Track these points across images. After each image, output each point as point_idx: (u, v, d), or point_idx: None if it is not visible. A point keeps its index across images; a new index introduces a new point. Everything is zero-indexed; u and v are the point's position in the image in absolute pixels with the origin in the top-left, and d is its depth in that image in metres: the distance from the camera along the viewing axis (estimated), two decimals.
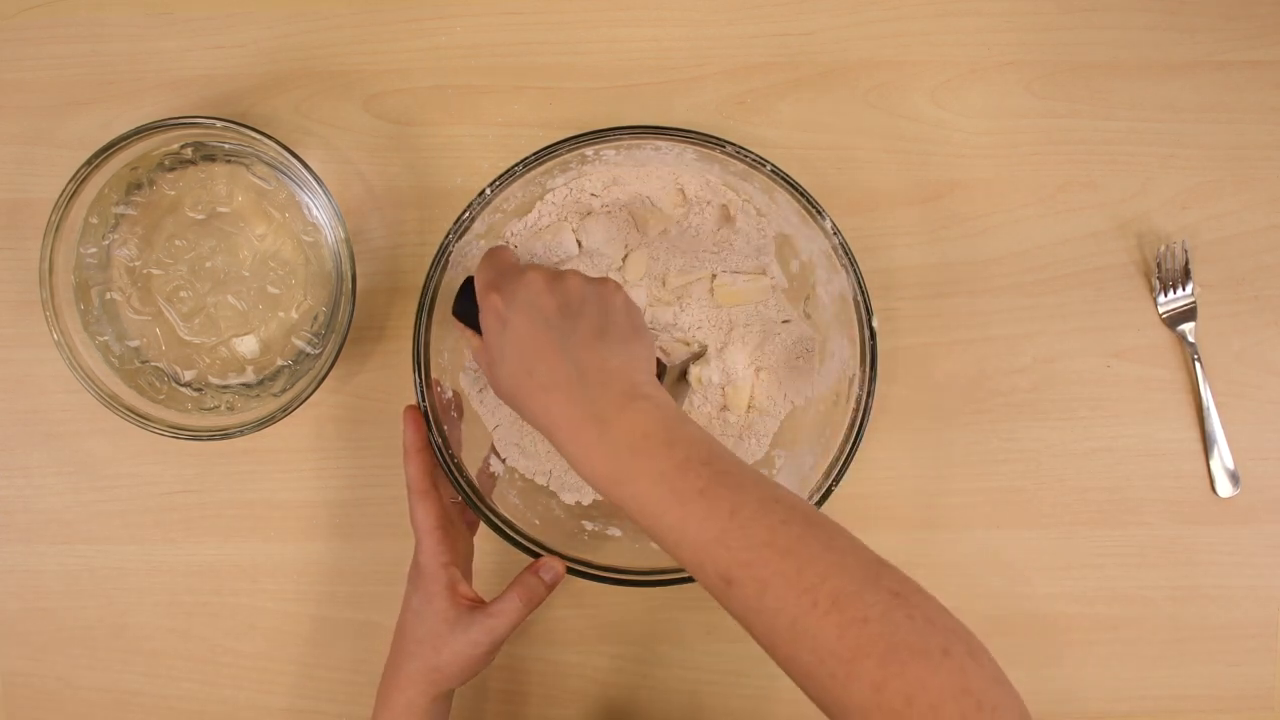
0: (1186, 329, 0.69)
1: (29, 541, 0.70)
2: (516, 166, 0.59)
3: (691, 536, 0.46)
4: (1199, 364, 0.69)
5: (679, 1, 0.69)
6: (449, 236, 0.60)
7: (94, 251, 0.65)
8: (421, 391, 0.59)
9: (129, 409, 0.63)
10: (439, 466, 0.59)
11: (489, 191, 0.59)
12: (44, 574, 0.70)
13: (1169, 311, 0.69)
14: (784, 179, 0.60)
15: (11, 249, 0.69)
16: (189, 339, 0.67)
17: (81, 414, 0.69)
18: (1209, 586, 0.70)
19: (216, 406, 0.66)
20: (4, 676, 0.70)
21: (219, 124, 0.62)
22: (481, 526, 0.61)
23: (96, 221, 0.65)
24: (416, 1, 0.68)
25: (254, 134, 0.62)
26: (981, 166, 0.69)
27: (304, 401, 0.63)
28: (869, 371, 0.60)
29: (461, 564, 0.60)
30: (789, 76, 0.69)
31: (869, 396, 0.60)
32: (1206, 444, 0.69)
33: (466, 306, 0.59)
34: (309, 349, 0.67)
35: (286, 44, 0.69)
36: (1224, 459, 0.69)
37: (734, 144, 0.60)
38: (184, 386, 0.67)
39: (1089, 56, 0.69)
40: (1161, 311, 0.69)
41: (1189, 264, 0.68)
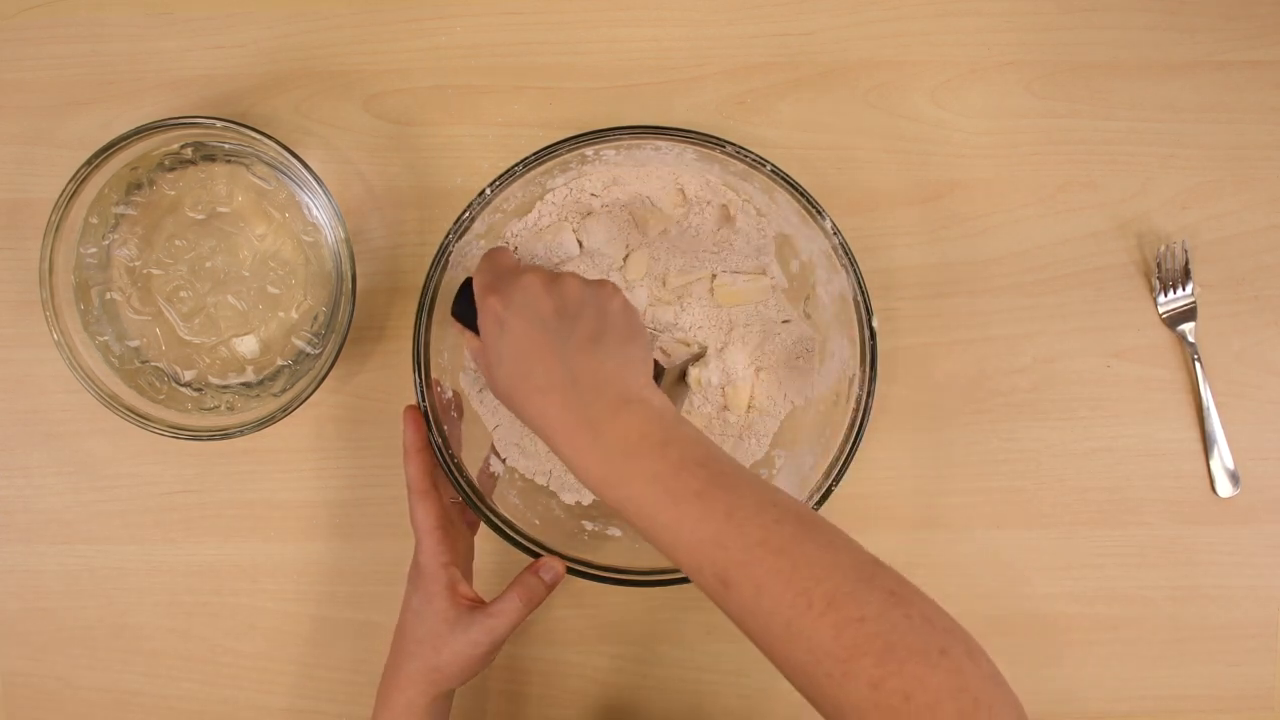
0: (1186, 329, 0.69)
1: (29, 541, 0.70)
2: (516, 166, 0.59)
3: (687, 538, 0.46)
4: (1199, 364, 0.69)
5: (679, 1, 0.69)
6: (449, 236, 0.60)
7: (94, 251, 0.65)
8: (421, 391, 0.59)
9: (129, 409, 0.63)
10: (439, 466, 0.59)
11: (489, 191, 0.59)
12: (44, 574, 0.70)
13: (1169, 311, 0.69)
14: (784, 179, 0.60)
15: (11, 249, 0.69)
16: (189, 339, 0.67)
17: (81, 414, 0.69)
18: (1209, 586, 0.70)
19: (216, 406, 0.66)
20: (4, 676, 0.70)
21: (219, 124, 0.62)
22: (481, 526, 0.61)
23: (96, 221, 0.65)
24: (416, 1, 0.68)
25: (254, 134, 0.62)
26: (981, 166, 0.69)
27: (304, 401, 0.63)
28: (869, 371, 0.60)
29: (461, 564, 0.60)
30: (789, 76, 0.69)
31: (869, 396, 0.60)
32: (1206, 444, 0.69)
33: (465, 308, 0.59)
34: (309, 349, 0.67)
35: (286, 44, 0.69)
36: (1224, 459, 0.69)
37: (734, 144, 0.60)
38: (184, 386, 0.67)
39: (1089, 56, 0.69)
40: (1161, 311, 0.69)
41: (1189, 264, 0.68)
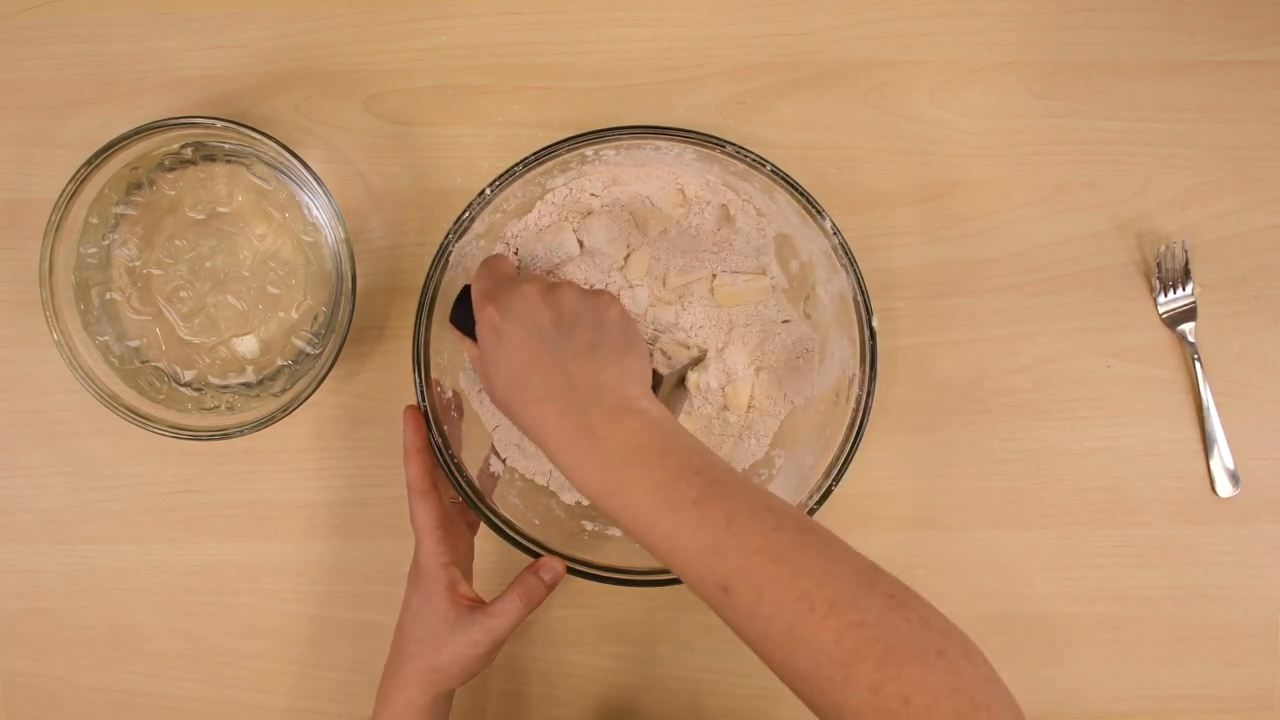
0: (1186, 329, 0.69)
1: (29, 541, 0.70)
2: (516, 166, 0.59)
3: (685, 545, 0.47)
4: (1199, 364, 0.69)
5: (679, 1, 0.69)
6: (449, 236, 0.60)
7: (94, 251, 0.65)
8: (421, 391, 0.59)
9: (129, 409, 0.63)
10: (439, 466, 0.59)
11: (489, 191, 0.59)
12: (44, 574, 0.70)
13: (1169, 311, 0.69)
14: (784, 179, 0.60)
15: (11, 249, 0.69)
16: (189, 339, 0.67)
17: (81, 414, 0.69)
18: (1209, 586, 0.70)
19: (216, 406, 0.66)
20: (4, 676, 0.70)
21: (219, 124, 0.62)
22: (481, 526, 0.61)
23: (96, 221, 0.65)
24: (416, 1, 0.68)
25: (254, 134, 0.62)
26: (981, 166, 0.69)
27: (304, 401, 0.63)
28: (869, 371, 0.60)
29: (461, 564, 0.60)
30: (789, 76, 0.69)
31: (869, 396, 0.60)
32: (1206, 444, 0.69)
33: (463, 315, 0.59)
34: (309, 349, 0.67)
35: (286, 44, 0.69)
36: (1224, 459, 0.69)
37: (734, 144, 0.60)
38: (184, 386, 0.67)
39: (1089, 56, 0.69)
40: (1161, 311, 0.69)
41: (1189, 264, 0.68)
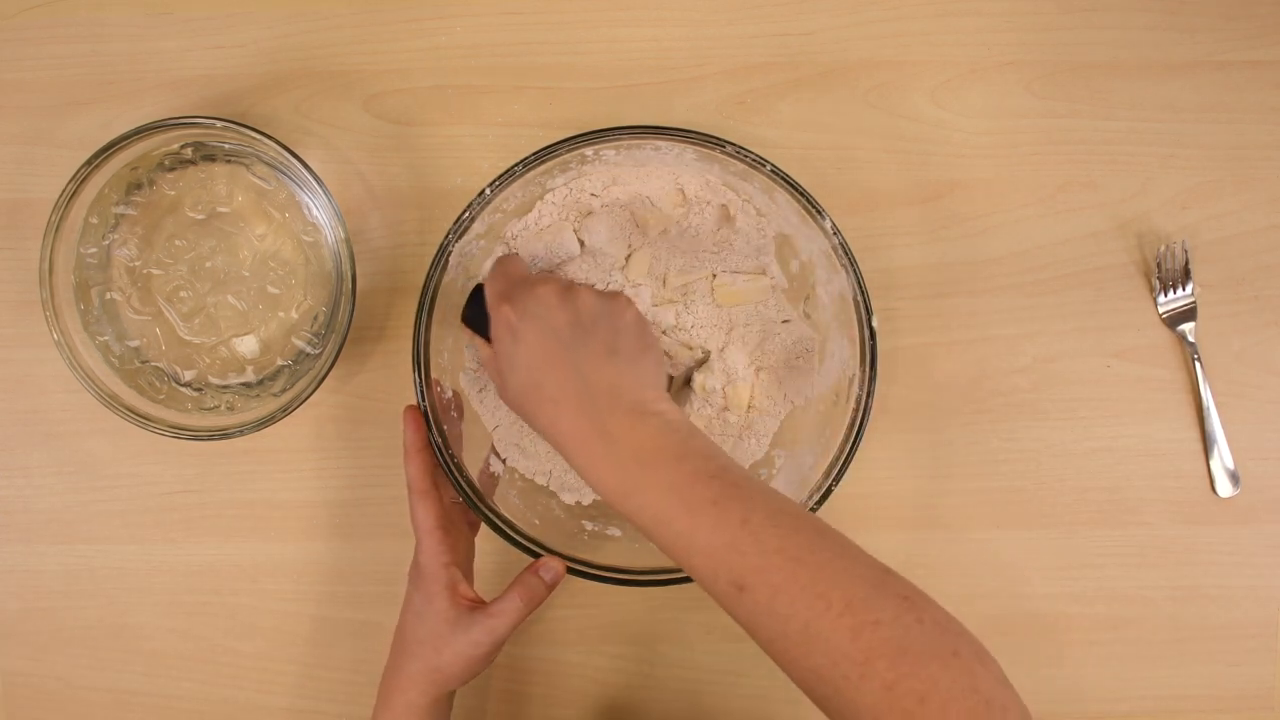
0: (1186, 329, 0.69)
1: (29, 541, 0.70)
2: (516, 166, 0.59)
3: (702, 544, 0.47)
4: (1199, 364, 0.69)
5: (679, 1, 0.69)
6: (449, 236, 0.60)
7: (94, 251, 0.65)
8: (421, 391, 0.59)
9: (129, 409, 0.63)
10: (439, 466, 0.59)
11: (489, 191, 0.59)
12: (44, 574, 0.70)
13: (1169, 311, 0.69)
14: (784, 179, 0.60)
15: (11, 249, 0.69)
16: (189, 339, 0.67)
17: (81, 414, 0.69)
18: (1209, 586, 0.70)
19: (216, 406, 0.66)
20: (4, 676, 0.70)
21: (219, 124, 0.62)
22: (482, 526, 0.61)
23: (96, 221, 0.65)
24: (416, 1, 0.68)
25: (254, 134, 0.62)
26: (981, 166, 0.69)
27: (304, 401, 0.63)
28: (869, 371, 0.60)
29: (462, 564, 0.60)
30: (789, 76, 0.69)
31: (869, 396, 0.60)
32: (1206, 444, 0.69)
33: (476, 314, 0.59)
34: (309, 349, 0.67)
35: (286, 44, 0.69)
36: (1224, 459, 0.69)
37: (734, 144, 0.60)
38: (184, 386, 0.67)
39: (1089, 56, 0.69)
40: (1161, 311, 0.69)
41: (1189, 264, 0.68)
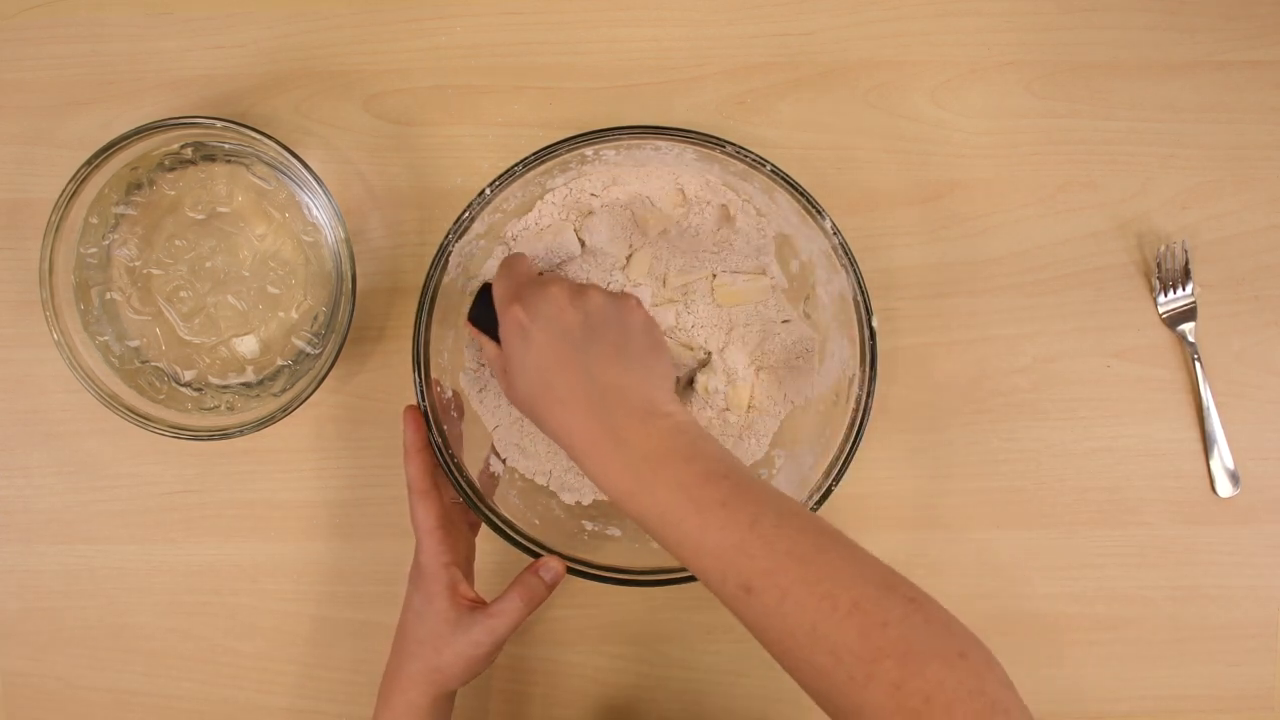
0: (1186, 329, 0.69)
1: (29, 541, 0.70)
2: (516, 166, 0.59)
3: (711, 545, 0.47)
4: (1199, 364, 0.69)
5: (679, 1, 0.69)
6: (449, 236, 0.60)
7: (94, 251, 0.65)
8: (421, 391, 0.59)
9: (129, 409, 0.63)
10: (439, 466, 0.59)
11: (489, 191, 0.59)
12: (44, 574, 0.70)
13: (1169, 311, 0.69)
14: (784, 179, 0.60)
15: (11, 249, 0.69)
16: (189, 339, 0.67)
17: (81, 414, 0.69)
18: (1209, 586, 0.70)
19: (216, 406, 0.66)
20: (4, 676, 0.70)
21: (219, 124, 0.62)
22: (482, 526, 0.61)
23: (96, 221, 0.65)
24: (416, 1, 0.68)
25: (254, 134, 0.62)
26: (981, 166, 0.69)
27: (304, 401, 0.63)
28: (869, 371, 0.60)
29: (462, 564, 0.60)
30: (789, 76, 0.69)
31: (869, 396, 0.60)
32: (1206, 444, 0.69)
33: (484, 314, 0.59)
34: (309, 349, 0.67)
35: (286, 44, 0.69)
36: (1224, 459, 0.69)
37: (734, 144, 0.60)
38: (184, 386, 0.67)
39: (1089, 56, 0.69)
40: (1161, 311, 0.69)
41: (1189, 264, 0.68)
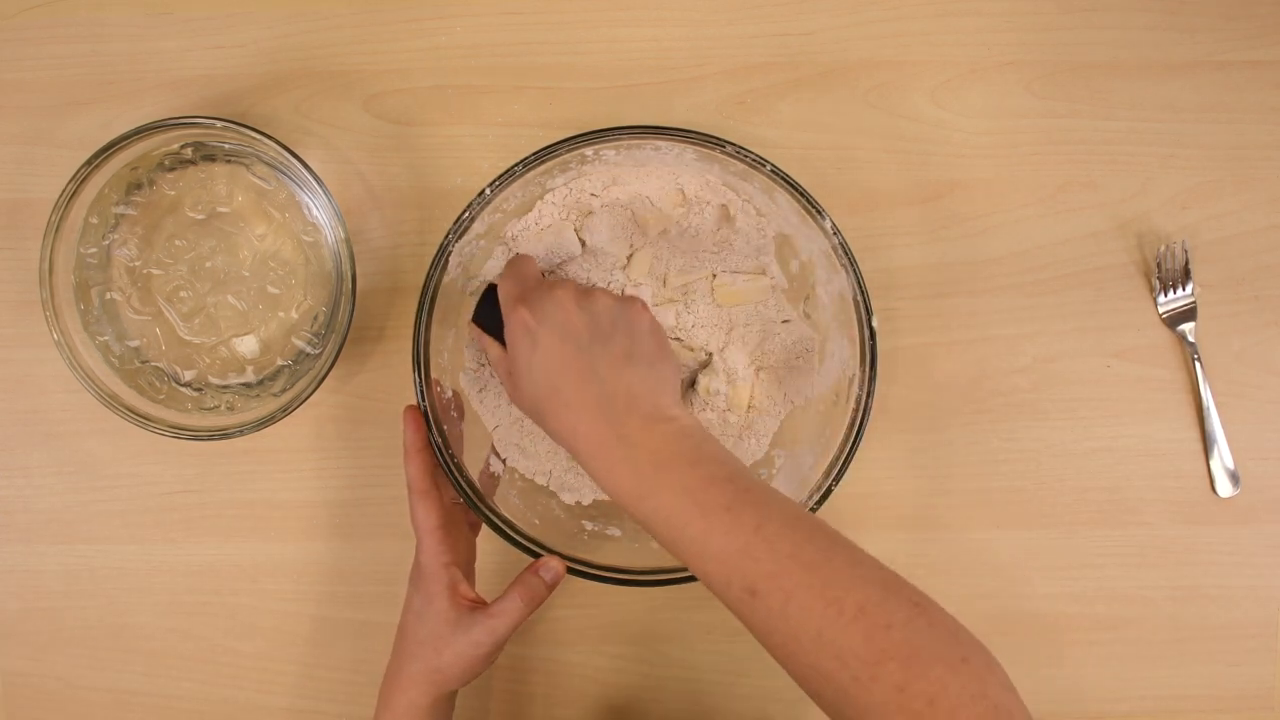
0: (1186, 329, 0.69)
1: (29, 541, 0.70)
2: (516, 166, 0.59)
3: (715, 549, 0.47)
4: (1199, 364, 0.69)
5: (679, 1, 0.69)
6: (449, 236, 0.60)
7: (94, 251, 0.65)
8: (421, 391, 0.59)
9: (129, 409, 0.63)
10: (439, 466, 0.59)
11: (489, 191, 0.59)
12: (44, 574, 0.70)
13: (1169, 311, 0.69)
14: (784, 179, 0.60)
15: (11, 249, 0.69)
16: (189, 339, 0.67)
17: (81, 414, 0.69)
18: (1209, 586, 0.70)
19: (216, 406, 0.66)
20: (4, 676, 0.70)
21: (219, 124, 0.62)
22: (482, 526, 0.61)
23: (96, 221, 0.65)
24: (416, 1, 0.68)
25: (254, 134, 0.62)
26: (981, 166, 0.69)
27: (304, 401, 0.63)
28: (869, 371, 0.60)
29: (463, 564, 0.60)
30: (789, 76, 0.69)
31: (869, 396, 0.60)
32: (1206, 444, 0.69)
33: (489, 315, 0.59)
34: (309, 349, 0.67)
35: (286, 44, 0.69)
36: (1224, 459, 0.69)
37: (734, 144, 0.60)
38: (184, 386, 0.67)
39: (1089, 56, 0.69)
40: (1161, 311, 0.69)
41: (1189, 264, 0.68)
